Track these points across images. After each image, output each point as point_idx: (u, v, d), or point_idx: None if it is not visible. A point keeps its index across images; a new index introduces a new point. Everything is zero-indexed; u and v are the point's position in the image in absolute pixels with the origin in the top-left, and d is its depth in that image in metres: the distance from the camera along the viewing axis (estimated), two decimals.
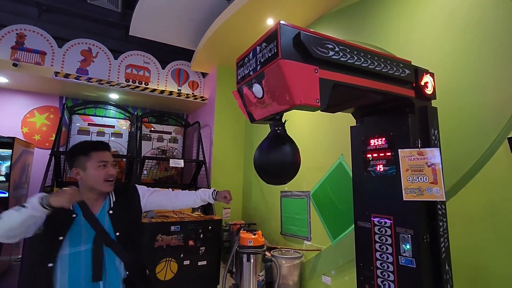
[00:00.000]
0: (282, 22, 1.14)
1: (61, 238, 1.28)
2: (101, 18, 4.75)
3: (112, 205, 1.43)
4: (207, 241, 3.06)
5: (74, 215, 1.32)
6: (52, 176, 3.35)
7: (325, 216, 2.81)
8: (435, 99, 1.62)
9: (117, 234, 1.38)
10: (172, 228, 2.91)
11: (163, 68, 4.70)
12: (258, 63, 1.26)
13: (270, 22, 3.26)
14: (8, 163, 3.33)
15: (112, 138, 4.58)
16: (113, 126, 4.65)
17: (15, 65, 3.55)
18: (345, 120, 2.17)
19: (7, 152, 3.35)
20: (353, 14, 2.71)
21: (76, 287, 1.28)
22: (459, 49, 1.83)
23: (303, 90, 1.13)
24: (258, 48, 1.27)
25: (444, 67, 1.87)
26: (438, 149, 1.45)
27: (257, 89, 1.27)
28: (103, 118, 4.67)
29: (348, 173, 2.54)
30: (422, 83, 1.56)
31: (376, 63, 1.36)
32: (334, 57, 1.23)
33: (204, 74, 5.00)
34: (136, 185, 1.63)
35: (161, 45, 4.59)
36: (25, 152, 3.84)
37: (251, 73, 1.31)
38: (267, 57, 1.20)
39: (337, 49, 1.24)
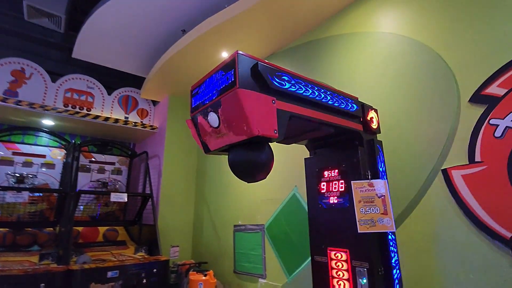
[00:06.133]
0: (240, 52, 1.13)
1: None
2: (40, 38, 4.36)
3: None
4: (152, 286, 2.71)
5: None
6: None
7: (280, 251, 2.72)
8: (380, 133, 1.74)
9: None
10: (109, 274, 2.53)
11: (109, 94, 4.40)
12: (215, 92, 1.21)
13: (224, 55, 3.32)
14: None
15: (43, 169, 4.01)
16: (44, 156, 4.09)
17: None
18: (298, 151, 2.21)
19: None
20: (303, 53, 2.90)
21: None
22: (395, 89, 2.04)
23: (261, 120, 1.10)
24: (214, 76, 1.23)
25: (383, 105, 2.05)
26: (386, 180, 1.52)
27: (213, 118, 1.21)
28: (33, 146, 4.10)
29: (302, 205, 2.54)
30: (368, 118, 1.67)
31: (328, 97, 1.42)
32: (290, 89, 1.24)
33: (155, 103, 4.81)
34: None
35: (108, 70, 4.33)
36: None
37: (207, 101, 1.26)
38: (224, 85, 1.16)
39: (293, 81, 1.27)
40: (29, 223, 3.38)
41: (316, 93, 1.36)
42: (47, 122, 4.05)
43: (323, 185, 1.72)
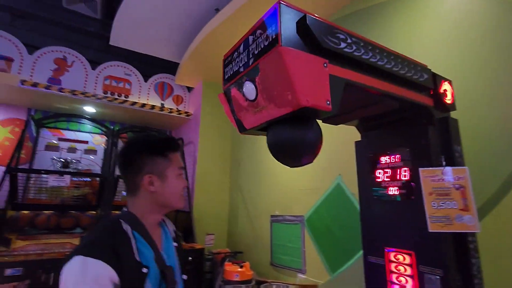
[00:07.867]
0: (282, 1, 0.89)
1: None
2: (80, 27, 4.47)
3: (173, 234, 1.12)
4: (186, 274, 2.64)
5: (145, 270, 0.88)
6: (6, 198, 2.89)
7: (322, 245, 2.48)
8: (455, 110, 1.39)
9: (184, 277, 1.07)
10: None
11: (146, 81, 4.41)
12: (251, 56, 0.99)
13: None
14: None
15: (85, 155, 4.17)
16: (86, 142, 4.26)
17: None
18: (343, 134, 1.91)
19: None
20: (350, 25, 2.55)
21: None
22: (472, 59, 1.64)
23: (310, 88, 0.86)
24: (251, 38, 1.01)
25: (456, 77, 1.67)
26: (467, 168, 1.20)
27: (249, 88, 0.99)
28: (77, 132, 4.27)
29: (348, 196, 2.26)
30: (441, 90, 1.34)
31: (393, 63, 1.13)
32: (346, 50, 0.98)
33: (189, 89, 4.74)
34: None
35: (145, 57, 4.33)
36: None
37: (242, 69, 1.04)
38: (262, 46, 0.93)
39: (349, 41, 1.00)
40: (72, 206, 3.52)
41: (378, 56, 1.07)
42: (89, 109, 4.17)
43: (379, 173, 1.44)
